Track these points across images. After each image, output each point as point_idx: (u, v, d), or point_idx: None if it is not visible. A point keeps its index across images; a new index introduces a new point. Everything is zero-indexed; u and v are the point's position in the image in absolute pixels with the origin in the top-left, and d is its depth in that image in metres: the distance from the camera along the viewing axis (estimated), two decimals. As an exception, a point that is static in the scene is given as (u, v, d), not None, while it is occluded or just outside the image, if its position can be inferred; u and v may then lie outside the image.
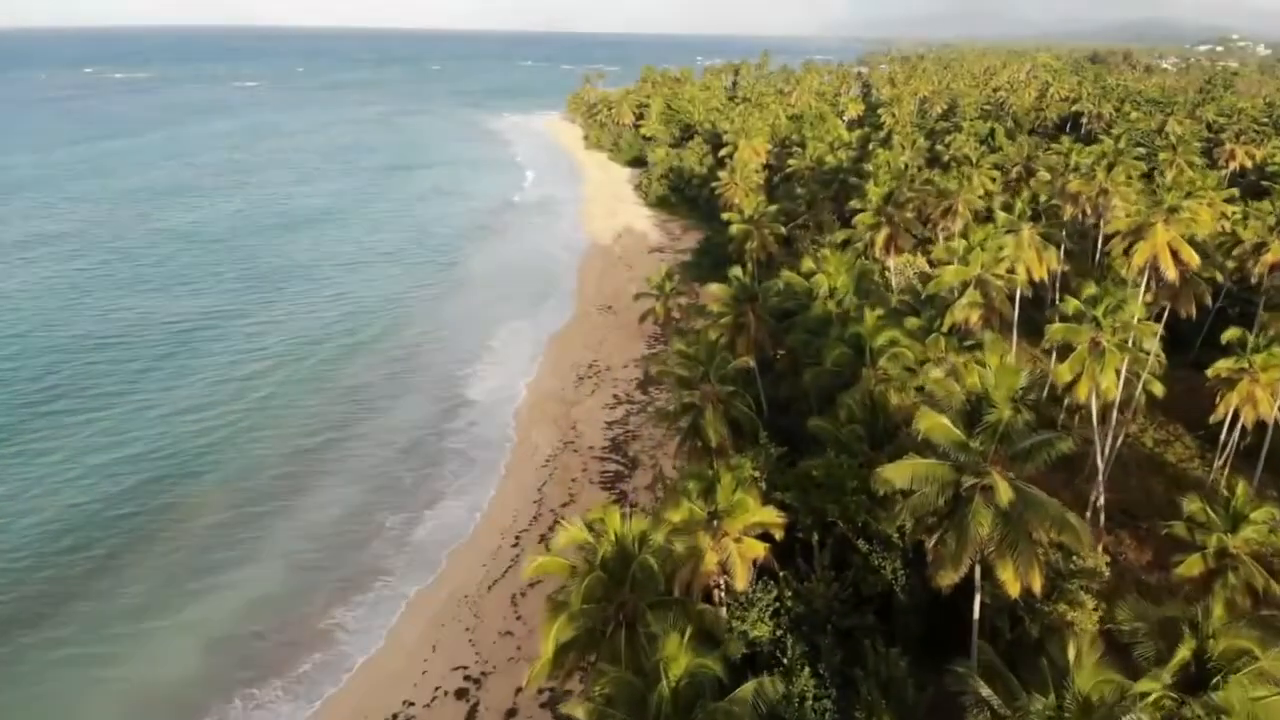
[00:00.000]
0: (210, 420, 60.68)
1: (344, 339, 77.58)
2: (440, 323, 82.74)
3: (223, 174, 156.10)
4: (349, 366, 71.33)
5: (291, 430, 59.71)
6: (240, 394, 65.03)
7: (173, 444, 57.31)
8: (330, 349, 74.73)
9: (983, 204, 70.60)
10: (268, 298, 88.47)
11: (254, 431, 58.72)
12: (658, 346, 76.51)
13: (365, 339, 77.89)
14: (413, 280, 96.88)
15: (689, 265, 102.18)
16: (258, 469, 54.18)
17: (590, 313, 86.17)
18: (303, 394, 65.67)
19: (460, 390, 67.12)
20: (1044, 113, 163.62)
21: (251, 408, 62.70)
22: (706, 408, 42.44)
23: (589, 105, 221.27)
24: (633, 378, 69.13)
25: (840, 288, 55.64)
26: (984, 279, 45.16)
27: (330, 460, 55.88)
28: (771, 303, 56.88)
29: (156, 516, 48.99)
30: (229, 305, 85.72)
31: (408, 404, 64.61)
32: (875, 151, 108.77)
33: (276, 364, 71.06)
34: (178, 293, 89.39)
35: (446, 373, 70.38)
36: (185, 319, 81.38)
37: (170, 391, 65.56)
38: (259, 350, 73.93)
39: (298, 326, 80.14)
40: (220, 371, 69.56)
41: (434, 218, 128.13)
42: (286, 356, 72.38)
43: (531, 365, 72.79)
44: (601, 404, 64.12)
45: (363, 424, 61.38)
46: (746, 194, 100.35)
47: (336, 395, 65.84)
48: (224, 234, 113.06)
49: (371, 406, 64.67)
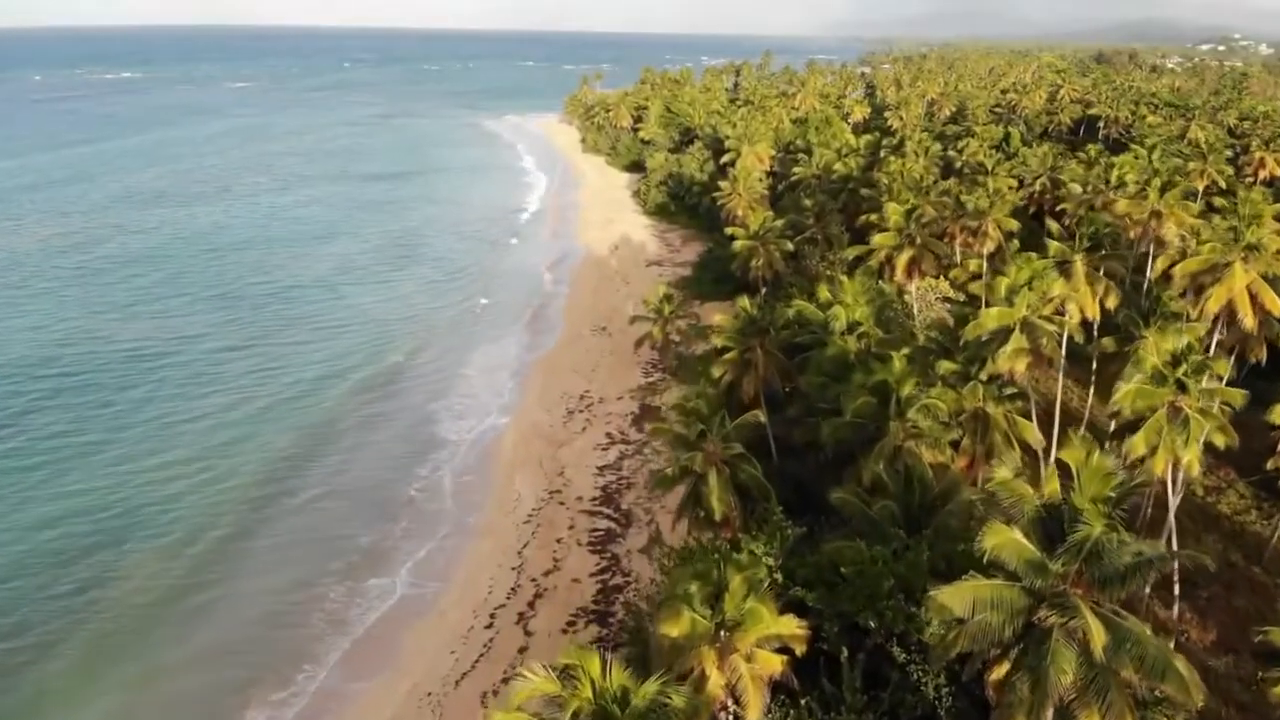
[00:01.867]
0: (165, 468, 54.56)
1: (317, 367, 71.45)
2: (421, 345, 76.50)
3: (205, 181, 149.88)
4: (321, 399, 65.20)
5: (249, 477, 53.65)
6: (201, 436, 58.84)
7: (116, 499, 51.22)
8: (303, 379, 68.59)
9: (1016, 225, 64.42)
10: (240, 320, 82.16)
11: (209, 485, 52.22)
12: (655, 375, 70.57)
13: (341, 367, 71.79)
14: (394, 298, 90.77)
15: (689, 281, 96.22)
16: (204, 529, 48.04)
17: (583, 335, 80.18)
18: (268, 433, 59.51)
19: (436, 428, 61.04)
20: (1057, 116, 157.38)
21: (210, 451, 56.52)
22: (709, 473, 36.49)
23: (586, 107, 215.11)
24: (628, 412, 63.13)
25: (859, 319, 49.67)
26: (1032, 324, 39.13)
27: (286, 515, 49.78)
28: (782, 336, 50.94)
29: (73, 596, 42.67)
30: (198, 329, 79.43)
31: (379, 444, 58.56)
32: (887, 160, 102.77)
33: (243, 398, 64.90)
34: (143, 315, 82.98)
35: (423, 407, 64.26)
36: (149, 345, 75.00)
37: (122, 432, 59.44)
38: (226, 382, 67.65)
39: (270, 353, 73.88)
40: (181, 407, 63.37)
41: (420, 229, 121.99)
42: (255, 390, 66.15)
43: (517, 395, 66.83)
44: (593, 443, 58.11)
45: (327, 469, 55.34)
46: (750, 206, 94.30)
47: (304, 434, 59.76)
48: (198, 249, 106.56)
49: (339, 445, 58.66)
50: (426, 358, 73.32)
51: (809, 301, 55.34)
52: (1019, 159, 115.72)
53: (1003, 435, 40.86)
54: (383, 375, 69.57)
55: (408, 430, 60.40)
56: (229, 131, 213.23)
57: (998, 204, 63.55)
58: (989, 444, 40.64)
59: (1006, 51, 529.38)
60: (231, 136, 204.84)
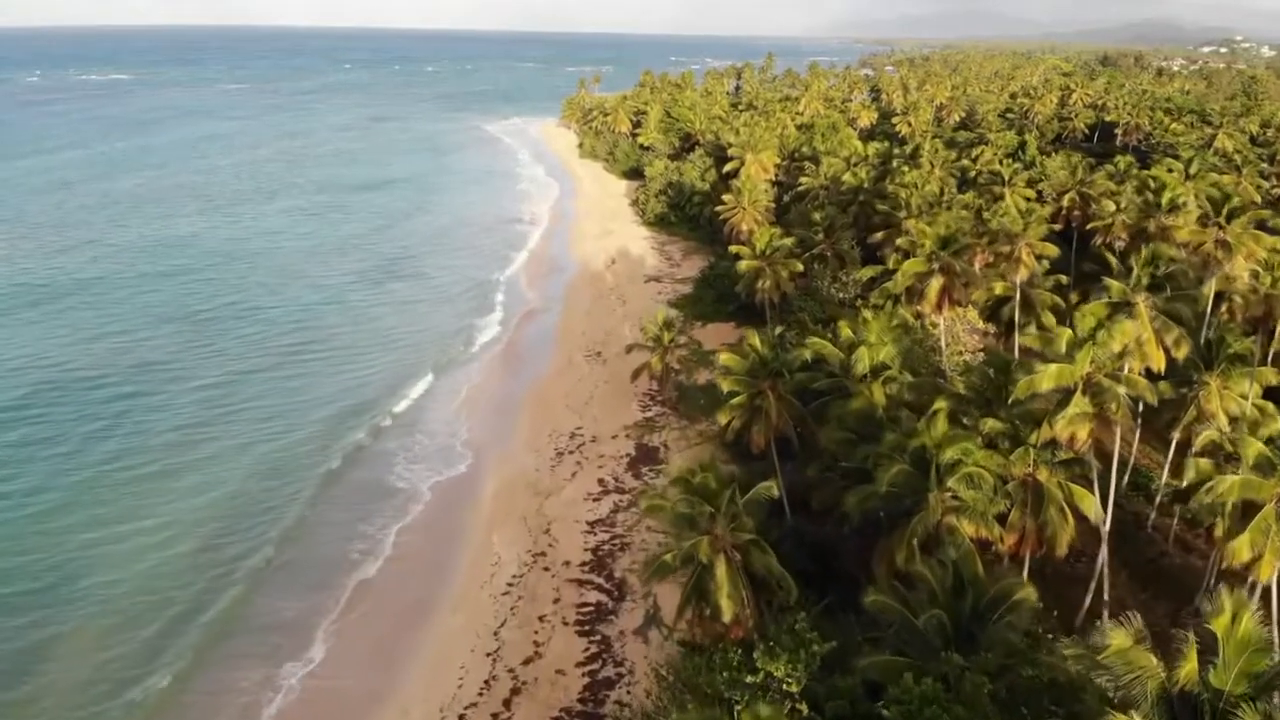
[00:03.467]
0: (96, 525, 48.58)
1: (282, 403, 65.06)
2: (400, 378, 69.73)
3: (186, 190, 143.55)
4: (284, 439, 58.94)
5: (186, 543, 47.28)
6: (147, 484, 52.53)
7: (39, 562, 45.21)
8: (266, 414, 62.23)
9: (1055, 251, 58.34)
10: (208, 347, 75.53)
11: (136, 556, 45.87)
12: (653, 408, 64.61)
13: (309, 402, 65.60)
14: (375, 322, 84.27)
15: (689, 299, 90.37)
16: (120, 607, 41.85)
17: (575, 361, 74.25)
18: (220, 481, 53.26)
19: (408, 476, 54.79)
20: (1072, 121, 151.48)
21: (151, 506, 50.26)
22: (717, 563, 30.57)
23: (584, 111, 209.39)
24: (623, 453, 57.13)
25: (885, 359, 43.75)
26: (1098, 383, 33.14)
27: (219, 586, 43.52)
28: (797, 379, 45.04)
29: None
30: (163, 356, 72.89)
31: (342, 498, 52.22)
32: (899, 170, 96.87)
33: (200, 438, 58.54)
34: (107, 341, 76.21)
35: (397, 452, 57.93)
36: (109, 376, 68.25)
37: (62, 478, 53.28)
38: (183, 419, 61.29)
39: (234, 385, 67.16)
40: (133, 447, 56.98)
41: (406, 243, 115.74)
42: (214, 429, 59.64)
43: (503, 434, 60.76)
44: (584, 492, 52.13)
45: (283, 524, 49.30)
46: (756, 222, 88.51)
47: (261, 478, 53.69)
48: (172, 265, 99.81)
49: (297, 497, 52.52)
50: (405, 393, 66.98)
51: (826, 337, 49.49)
52: (1037, 168, 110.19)
53: (1057, 508, 35.01)
54: (355, 413, 63.28)
55: (376, 480, 54.17)
56: (217, 136, 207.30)
57: (1032, 225, 57.43)
58: (1042, 519, 34.76)
59: (1009, 53, 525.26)
60: (219, 141, 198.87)
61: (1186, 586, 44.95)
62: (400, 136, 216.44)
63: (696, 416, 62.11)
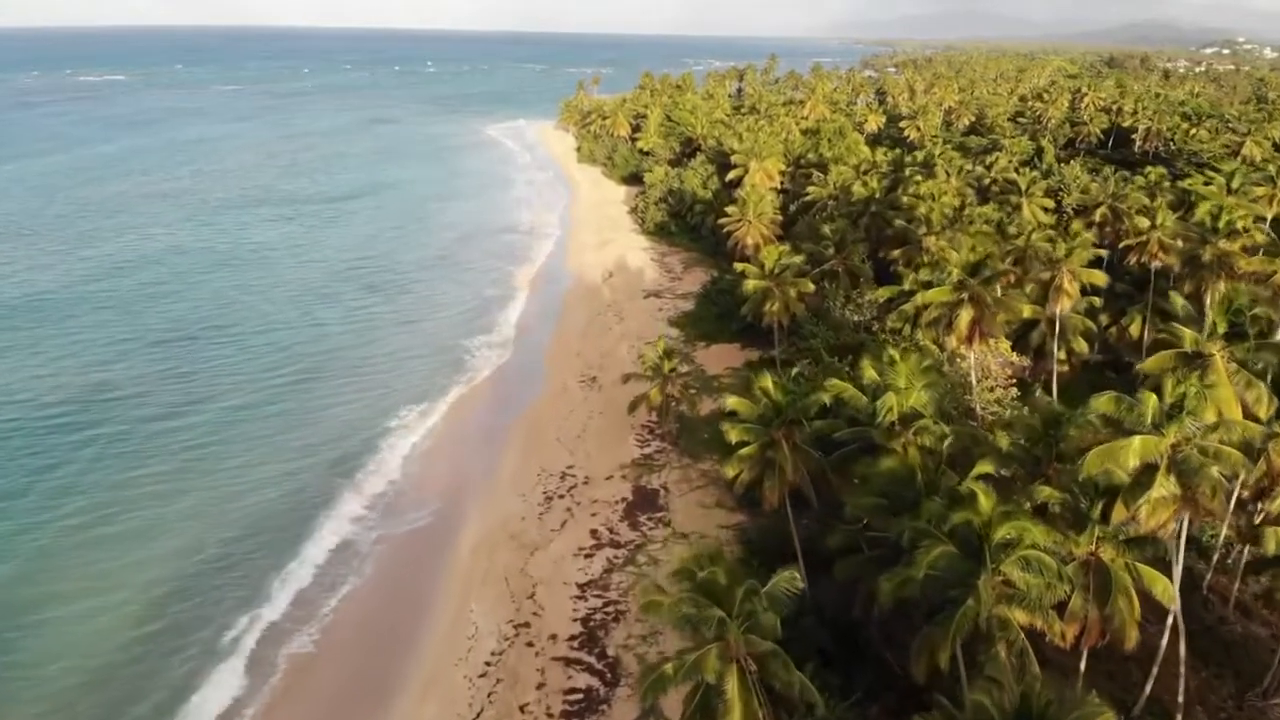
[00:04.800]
0: (33, 588, 43.35)
1: (260, 440, 59.75)
2: (380, 410, 64.17)
3: (169, 198, 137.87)
4: (244, 486, 53.51)
5: (151, 649, 41.96)
6: (90, 549, 46.92)
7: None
8: (241, 474, 55.27)
9: (1103, 279, 53.00)
10: (182, 374, 69.91)
11: (98, 670, 40.37)
12: (651, 443, 59.28)
13: (287, 435, 60.39)
14: (357, 344, 78.59)
15: (691, 317, 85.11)
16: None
17: (569, 387, 68.96)
18: (183, 575, 47.31)
19: (380, 525, 49.58)
20: (1086, 126, 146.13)
21: (85, 574, 44.81)
22: (727, 676, 25.27)
23: (583, 114, 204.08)
24: (619, 498, 51.81)
25: (917, 406, 38.42)
26: (1186, 460, 27.84)
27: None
28: (815, 427, 39.73)
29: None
30: (132, 388, 67.04)
31: (308, 561, 46.80)
32: (912, 178, 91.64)
33: (160, 490, 52.93)
34: (76, 368, 70.65)
35: (371, 504, 52.43)
36: (71, 410, 62.45)
37: (12, 540, 47.97)
38: (146, 475, 54.98)
39: (202, 434, 60.24)
40: (85, 507, 50.98)
41: (395, 254, 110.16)
42: (185, 490, 53.17)
43: (488, 470, 55.46)
44: (574, 546, 46.79)
45: (233, 598, 44.05)
46: (762, 236, 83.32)
47: (227, 562, 47.61)
48: (145, 283, 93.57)
49: (246, 560, 47.27)
50: (388, 426, 61.66)
51: (845, 375, 44.23)
52: (1055, 176, 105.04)
53: (1125, 595, 29.78)
54: (336, 454, 57.80)
55: (345, 538, 48.71)
56: (208, 139, 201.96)
57: (1075, 251, 52.03)
58: (1109, 609, 29.54)
59: (1012, 54, 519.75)
60: (209, 145, 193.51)
61: (1251, 660, 39.94)
62: (396, 139, 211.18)
63: (700, 453, 56.87)
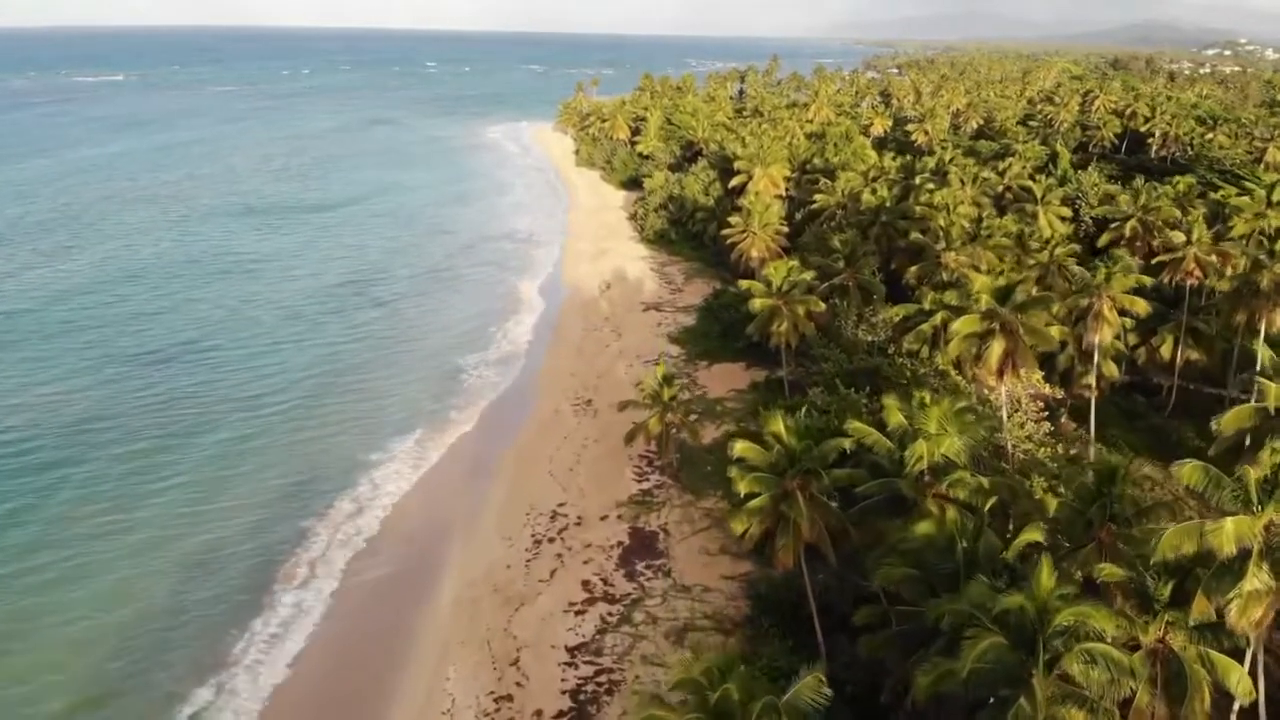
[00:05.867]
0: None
1: (229, 473, 55.30)
2: (365, 436, 59.94)
3: (152, 203, 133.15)
4: (211, 552, 47.77)
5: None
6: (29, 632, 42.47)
7: None
8: (203, 511, 50.73)
9: (1145, 307, 48.58)
10: (149, 403, 64.76)
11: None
12: (650, 476, 54.84)
13: (247, 467, 55.88)
14: (339, 366, 73.85)
15: (692, 333, 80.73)
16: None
17: (563, 411, 64.56)
18: (123, 629, 42.95)
19: (348, 570, 45.27)
20: (1100, 131, 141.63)
21: (36, 661, 40.27)
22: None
23: (581, 116, 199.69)
24: (614, 541, 47.39)
25: (950, 454, 34.00)
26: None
27: None
28: (834, 477, 35.32)
29: None
30: (98, 416, 62.27)
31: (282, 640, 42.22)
32: (924, 187, 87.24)
33: (108, 533, 48.42)
34: (38, 392, 66.06)
35: (343, 546, 48.10)
36: (29, 444, 57.59)
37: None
38: (99, 511, 50.13)
39: (167, 466, 55.11)
40: (29, 560, 46.63)
41: (385, 263, 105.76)
42: (134, 527, 48.66)
43: (472, 510, 51.03)
44: (564, 600, 42.34)
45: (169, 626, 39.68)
46: (768, 248, 78.96)
47: (168, 618, 43.20)
48: (122, 296, 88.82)
49: (223, 595, 43.06)
50: (367, 460, 56.99)
51: (864, 415, 39.84)
52: (1071, 184, 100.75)
53: (1199, 693, 25.38)
54: (306, 488, 53.44)
55: (318, 589, 44.24)
56: (199, 142, 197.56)
57: (1117, 276, 47.52)
58: (1184, 711, 25.15)
59: (1015, 55, 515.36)
60: (200, 148, 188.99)
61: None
62: (392, 142, 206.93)
63: (702, 489, 52.48)
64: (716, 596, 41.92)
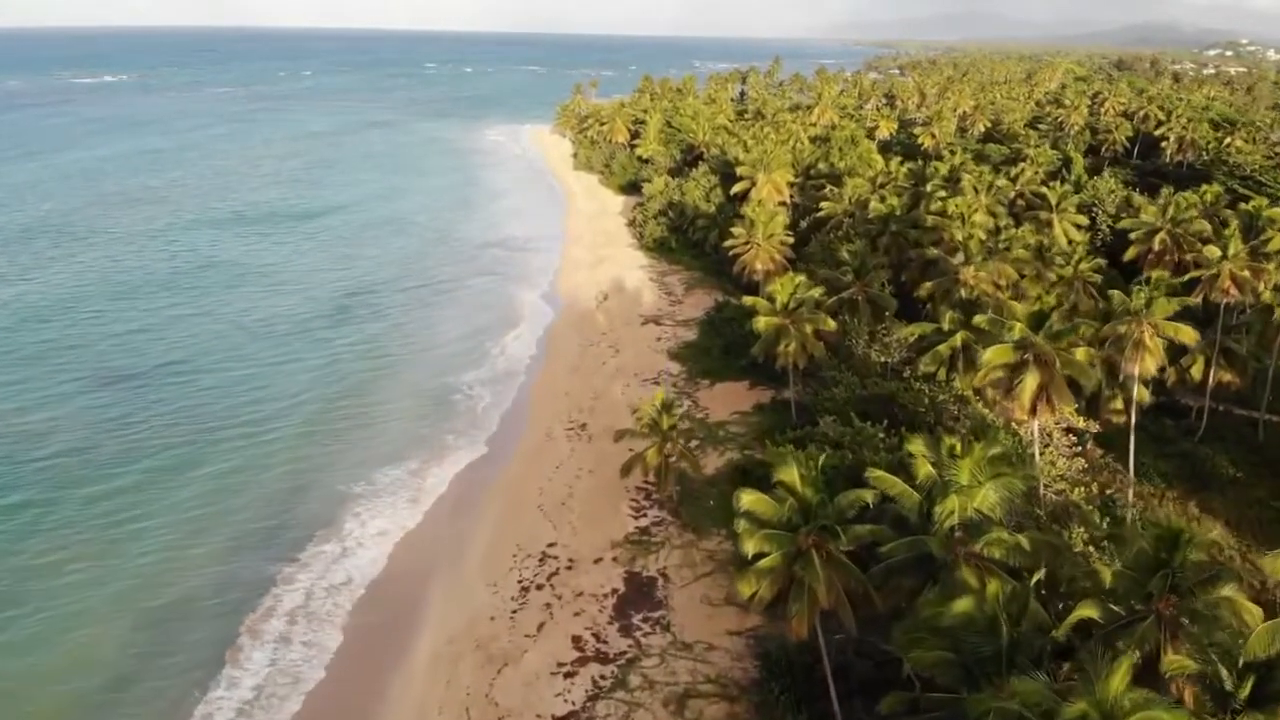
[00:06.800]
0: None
1: (197, 512, 51.31)
2: (341, 474, 55.17)
3: (134, 210, 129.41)
4: (172, 608, 44.16)
5: None
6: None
7: None
8: (166, 560, 46.65)
9: (1193, 336, 44.73)
10: (121, 430, 60.70)
11: None
12: (648, 511, 50.97)
13: (217, 498, 52.22)
14: (323, 374, 71.08)
15: (693, 349, 76.90)
16: None
17: (555, 436, 60.70)
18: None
19: (323, 620, 41.40)
20: (1112, 134, 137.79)
21: None
22: None
23: (579, 118, 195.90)
24: (608, 589, 43.49)
25: (983, 509, 30.18)
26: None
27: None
28: (854, 534, 31.49)
29: None
30: (66, 447, 58.56)
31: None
32: (934, 194, 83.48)
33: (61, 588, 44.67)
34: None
35: (318, 591, 44.16)
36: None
37: None
38: (56, 562, 46.24)
39: (129, 508, 50.84)
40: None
41: (374, 273, 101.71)
42: (97, 581, 44.80)
43: (455, 551, 47.11)
44: (553, 660, 38.41)
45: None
46: (773, 260, 75.14)
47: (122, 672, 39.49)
48: (100, 311, 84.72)
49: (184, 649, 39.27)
50: (348, 494, 53.10)
51: (881, 460, 35.99)
52: (1088, 191, 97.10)
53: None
54: (279, 524, 49.61)
55: (289, 639, 40.47)
56: (191, 145, 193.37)
57: (1158, 302, 43.44)
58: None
59: (1017, 56, 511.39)
60: (192, 151, 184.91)
61: None
62: (388, 145, 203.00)
63: (704, 526, 48.64)
64: (721, 656, 38.05)
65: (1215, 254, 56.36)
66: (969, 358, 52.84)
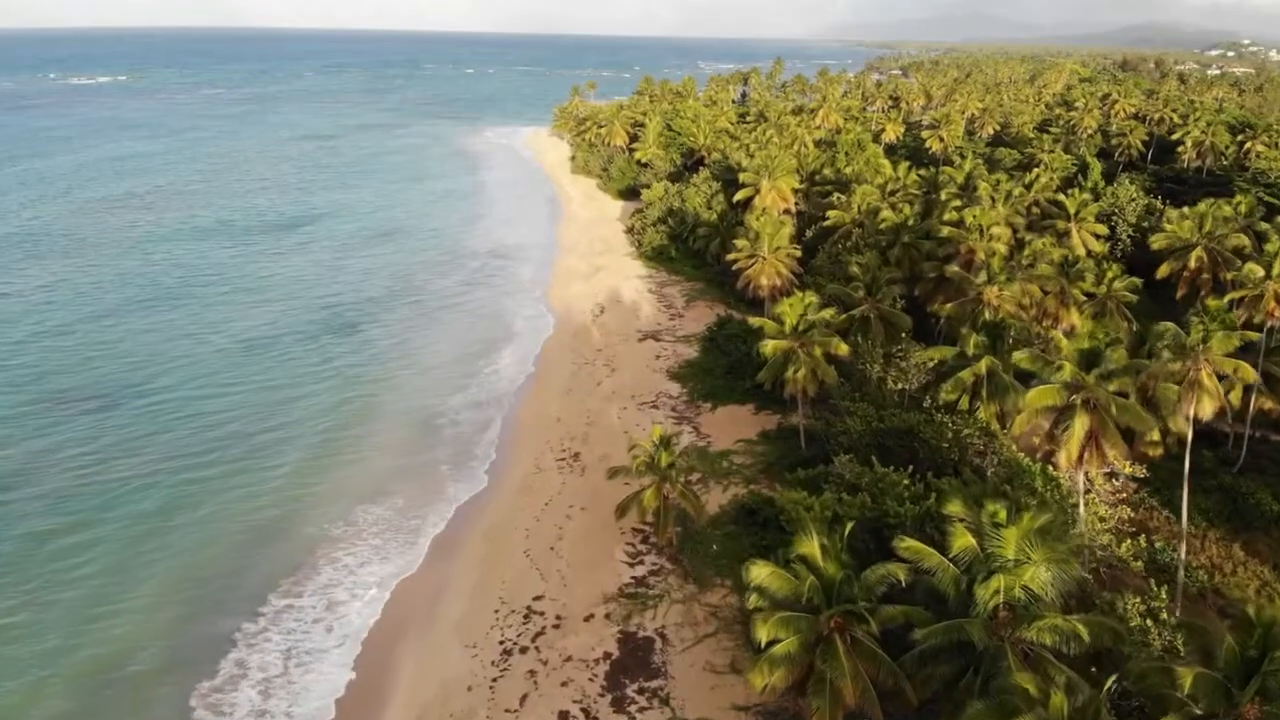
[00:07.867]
0: None
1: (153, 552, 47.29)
2: (312, 518, 50.52)
3: (114, 217, 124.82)
4: (109, 655, 40.04)
5: None
6: None
7: None
8: (113, 611, 42.56)
9: (1253, 375, 40.34)
10: (81, 461, 56.68)
11: None
12: (644, 558, 46.49)
13: (175, 548, 47.76)
14: (300, 399, 66.45)
15: (695, 368, 72.49)
16: None
17: (545, 467, 56.29)
18: None
19: (277, 692, 37.00)
20: (1126, 138, 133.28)
21: None
22: None
23: (577, 120, 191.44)
24: (600, 652, 38.99)
25: (1034, 587, 25.76)
26: None
27: None
28: (884, 616, 27.06)
29: None
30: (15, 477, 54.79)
31: None
32: (949, 204, 79.01)
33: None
34: None
35: (277, 652, 39.87)
36: None
37: None
38: None
39: (75, 553, 46.69)
40: None
41: (359, 284, 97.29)
42: (34, 634, 40.97)
43: (431, 608, 42.64)
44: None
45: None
46: (780, 277, 70.71)
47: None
48: (50, 329, 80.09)
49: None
50: (317, 538, 48.62)
51: (927, 544, 31.46)
52: (1108, 198, 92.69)
53: None
54: (242, 576, 45.21)
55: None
56: (179, 149, 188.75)
57: (1217, 338, 38.62)
58: None
59: (1017, 56, 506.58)
60: (178, 155, 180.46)
61: None
62: (381, 148, 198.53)
63: (706, 576, 44.21)
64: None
65: (1258, 273, 51.92)
66: (994, 385, 48.72)
